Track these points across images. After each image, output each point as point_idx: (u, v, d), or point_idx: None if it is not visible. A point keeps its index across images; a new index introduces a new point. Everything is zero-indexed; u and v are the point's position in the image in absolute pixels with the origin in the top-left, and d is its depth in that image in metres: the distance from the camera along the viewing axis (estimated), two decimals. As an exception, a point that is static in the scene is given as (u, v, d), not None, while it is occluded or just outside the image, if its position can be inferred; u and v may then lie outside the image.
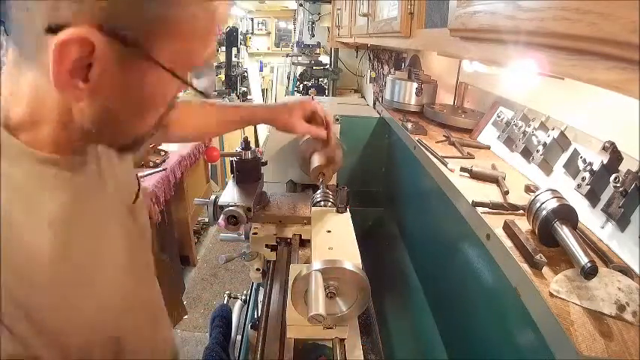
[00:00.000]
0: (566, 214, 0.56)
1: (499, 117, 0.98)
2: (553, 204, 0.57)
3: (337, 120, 1.54)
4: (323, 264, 0.67)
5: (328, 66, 3.06)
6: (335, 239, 0.80)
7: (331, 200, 1.02)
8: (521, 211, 0.66)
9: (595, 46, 0.28)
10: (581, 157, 0.66)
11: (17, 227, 0.41)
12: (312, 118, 0.92)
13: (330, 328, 0.73)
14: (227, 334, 1.12)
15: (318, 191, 1.07)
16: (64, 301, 0.46)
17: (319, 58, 3.41)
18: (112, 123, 0.45)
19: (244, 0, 5.67)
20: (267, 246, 1.11)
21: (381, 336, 0.91)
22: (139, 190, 0.66)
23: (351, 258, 0.71)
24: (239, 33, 4.78)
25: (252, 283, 1.35)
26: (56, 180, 0.46)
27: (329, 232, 0.82)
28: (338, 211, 0.91)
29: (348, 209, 0.92)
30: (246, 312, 1.29)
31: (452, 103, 1.35)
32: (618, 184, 0.54)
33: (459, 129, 1.15)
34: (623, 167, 0.58)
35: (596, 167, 0.62)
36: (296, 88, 3.57)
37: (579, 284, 0.49)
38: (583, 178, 0.63)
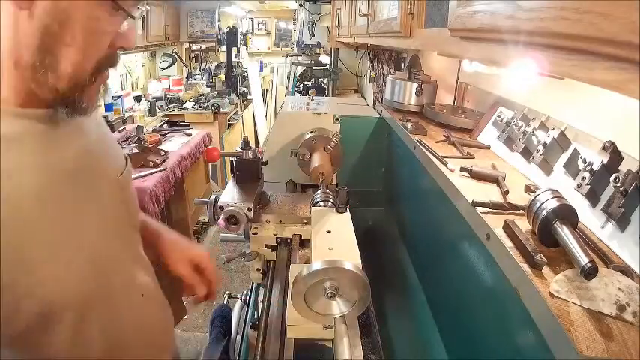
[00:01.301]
0: (566, 214, 0.56)
1: (499, 117, 0.98)
2: (553, 204, 0.57)
3: (337, 120, 1.54)
4: (323, 264, 0.66)
5: (328, 66, 3.06)
6: (335, 239, 0.80)
7: (331, 200, 1.02)
8: (521, 211, 0.66)
9: (595, 46, 0.28)
10: (581, 157, 0.66)
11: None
12: (199, 269, 0.85)
13: (330, 328, 0.73)
14: (227, 334, 1.12)
15: (318, 191, 1.07)
16: (49, 251, 0.51)
17: (319, 58, 3.41)
18: (53, 52, 0.48)
19: (244, 0, 5.67)
20: (267, 246, 1.11)
21: (381, 336, 0.91)
22: (126, 165, 0.70)
23: (351, 258, 0.71)
24: (239, 33, 4.79)
25: (252, 283, 1.35)
26: (29, 134, 0.51)
27: (329, 232, 0.83)
28: (338, 211, 0.92)
29: (348, 209, 0.92)
30: (246, 312, 1.29)
31: (452, 103, 1.35)
32: (618, 184, 0.54)
33: (459, 129, 1.15)
34: (623, 167, 0.58)
35: (596, 167, 0.62)
36: (296, 88, 3.57)
37: (579, 284, 0.49)
38: (583, 178, 0.63)
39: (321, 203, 1.02)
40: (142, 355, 0.68)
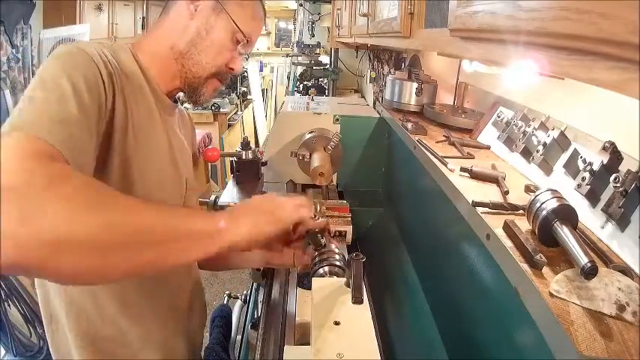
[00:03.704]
0: (566, 214, 0.56)
1: (499, 117, 0.98)
2: (553, 204, 0.57)
3: (337, 120, 1.54)
4: None
5: (328, 66, 3.06)
6: (347, 339, 0.55)
7: (338, 264, 0.72)
8: (521, 211, 0.66)
9: (595, 46, 0.28)
10: (581, 157, 0.66)
11: None
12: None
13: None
14: (227, 334, 1.12)
15: (323, 250, 0.74)
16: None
17: (319, 58, 3.41)
18: (197, 47, 0.72)
19: (244, 0, 5.66)
20: (267, 246, 1.10)
21: (381, 336, 0.91)
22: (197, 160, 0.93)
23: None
24: (239, 33, 4.77)
25: (252, 283, 1.35)
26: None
27: (337, 324, 0.57)
28: (354, 302, 0.60)
29: (364, 290, 0.61)
30: (246, 312, 1.29)
31: (452, 103, 1.35)
32: (618, 184, 0.54)
33: (459, 129, 1.15)
34: (623, 167, 0.58)
35: (596, 167, 0.62)
36: (296, 88, 3.56)
37: (579, 284, 0.49)
38: (583, 178, 0.63)
39: (325, 269, 0.71)
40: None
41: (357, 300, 0.59)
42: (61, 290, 0.68)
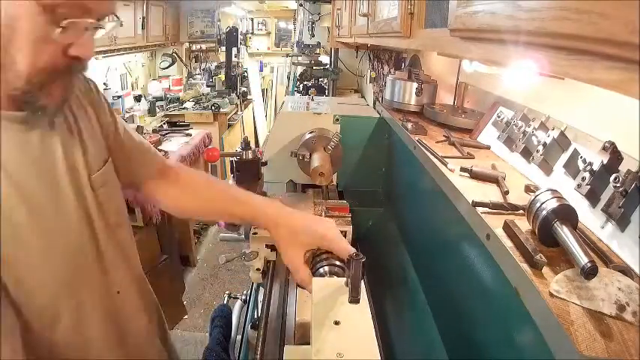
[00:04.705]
0: (566, 214, 0.56)
1: (499, 117, 0.98)
2: (553, 204, 0.57)
3: (337, 120, 1.54)
4: None
5: (328, 66, 3.06)
6: (346, 338, 0.55)
7: (338, 264, 0.71)
8: (521, 211, 0.66)
9: (595, 46, 0.28)
10: (581, 157, 0.66)
11: None
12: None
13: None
14: (227, 334, 1.12)
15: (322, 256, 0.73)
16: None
17: (319, 58, 3.41)
18: (9, 52, 0.50)
19: (244, 0, 5.67)
20: (267, 246, 1.10)
21: (381, 336, 0.91)
22: (106, 161, 0.73)
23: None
24: (239, 33, 4.79)
25: (252, 283, 1.35)
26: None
27: (337, 323, 0.57)
28: (350, 301, 0.61)
29: (364, 290, 0.62)
30: (246, 312, 1.29)
31: (452, 103, 1.35)
32: (618, 184, 0.54)
33: (459, 129, 1.15)
34: (623, 167, 0.58)
35: (596, 167, 0.62)
36: (296, 88, 3.57)
37: (579, 284, 0.49)
38: (583, 178, 0.63)
39: (325, 268, 0.70)
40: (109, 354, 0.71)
41: (354, 300, 0.59)
42: None
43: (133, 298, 0.79)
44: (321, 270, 0.70)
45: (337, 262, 0.70)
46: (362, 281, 0.60)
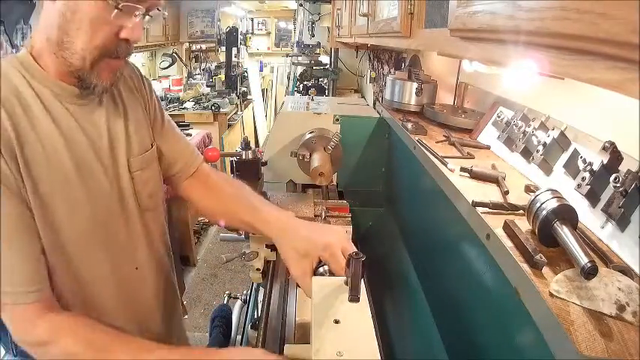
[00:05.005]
0: (566, 214, 0.56)
1: (499, 117, 0.98)
2: (553, 204, 0.57)
3: (337, 120, 1.54)
4: None
5: (328, 66, 3.06)
6: (346, 337, 0.55)
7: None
8: (521, 211, 0.66)
9: (595, 46, 0.28)
10: (581, 157, 0.66)
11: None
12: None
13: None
14: (227, 334, 1.12)
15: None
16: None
17: (319, 58, 3.41)
18: (68, 33, 0.60)
19: (244, 0, 5.67)
20: (267, 246, 1.11)
21: (381, 336, 0.91)
22: (151, 148, 0.80)
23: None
24: (239, 33, 4.78)
25: (252, 283, 1.35)
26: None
27: (337, 322, 0.57)
28: (350, 300, 0.61)
29: (364, 289, 0.63)
30: (246, 312, 1.30)
31: (452, 103, 1.35)
32: (618, 184, 0.54)
33: (459, 129, 1.15)
34: (623, 167, 0.58)
35: (596, 167, 0.62)
36: (296, 88, 3.56)
37: (579, 284, 0.49)
38: (583, 178, 0.63)
39: (326, 268, 0.72)
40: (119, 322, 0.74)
41: (354, 298, 0.60)
42: None
43: (150, 278, 0.83)
44: (321, 269, 0.71)
45: None
46: (362, 280, 0.60)
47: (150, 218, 0.81)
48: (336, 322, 0.57)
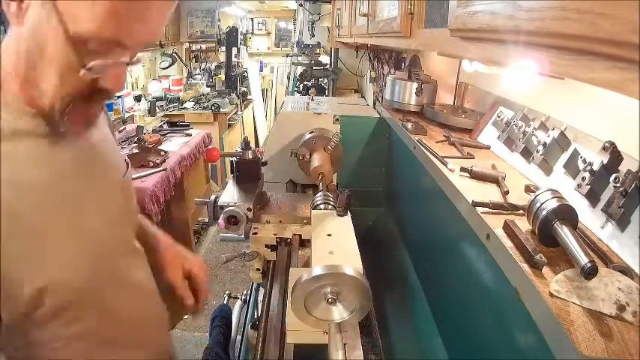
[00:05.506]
0: (566, 214, 0.56)
1: (499, 117, 0.98)
2: (553, 204, 0.57)
3: (337, 120, 1.54)
4: (323, 269, 0.66)
5: (328, 66, 3.06)
6: (335, 243, 0.79)
7: (331, 203, 1.01)
8: (521, 211, 0.66)
9: (595, 46, 0.28)
10: (581, 157, 0.66)
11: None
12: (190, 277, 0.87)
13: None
14: (227, 334, 1.12)
15: (319, 194, 1.06)
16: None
17: (319, 58, 3.41)
18: (35, 69, 0.49)
19: (244, 0, 5.67)
20: (267, 246, 1.11)
21: (381, 336, 0.91)
22: (127, 168, 0.74)
23: (351, 262, 0.70)
24: (239, 33, 4.78)
25: (252, 283, 1.35)
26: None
27: (329, 235, 0.82)
28: (338, 215, 0.90)
29: (348, 212, 0.91)
30: (246, 312, 1.29)
31: (452, 103, 1.35)
32: (618, 184, 0.54)
33: (459, 129, 1.15)
34: (623, 167, 0.58)
35: (596, 167, 0.62)
36: (296, 88, 3.57)
37: (579, 284, 0.49)
38: (583, 178, 0.63)
39: (321, 206, 1.01)
40: (135, 352, 0.69)
41: (340, 214, 0.90)
42: None
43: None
44: (322, 206, 1.00)
45: (331, 202, 1.00)
46: (347, 210, 0.90)
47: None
48: (329, 235, 0.82)
